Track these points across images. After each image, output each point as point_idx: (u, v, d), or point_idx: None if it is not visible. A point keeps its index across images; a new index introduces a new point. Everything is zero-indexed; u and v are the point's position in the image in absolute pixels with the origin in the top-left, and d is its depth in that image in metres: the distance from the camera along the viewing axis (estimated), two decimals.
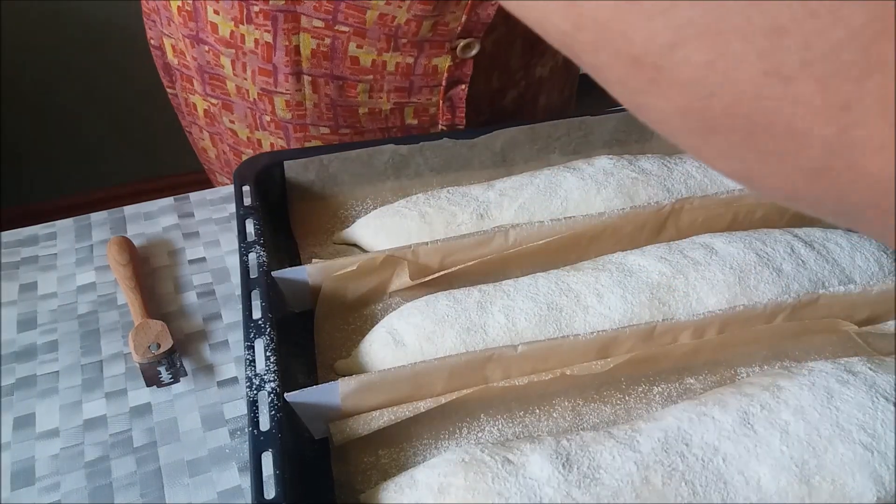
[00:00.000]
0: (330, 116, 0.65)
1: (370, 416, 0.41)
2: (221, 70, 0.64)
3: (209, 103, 0.69)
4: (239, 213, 0.52)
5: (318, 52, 0.60)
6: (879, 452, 0.38)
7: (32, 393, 0.49)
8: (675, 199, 0.54)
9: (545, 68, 0.73)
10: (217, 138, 0.72)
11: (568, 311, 0.47)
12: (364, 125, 0.66)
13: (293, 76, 0.62)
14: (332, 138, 0.66)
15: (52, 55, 1.66)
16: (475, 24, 0.60)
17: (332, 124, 0.65)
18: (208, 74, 0.66)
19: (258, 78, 0.63)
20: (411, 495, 0.37)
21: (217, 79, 0.65)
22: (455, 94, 0.65)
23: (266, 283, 0.46)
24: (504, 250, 0.51)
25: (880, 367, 0.42)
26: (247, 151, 0.70)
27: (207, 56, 0.64)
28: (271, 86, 0.63)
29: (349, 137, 0.67)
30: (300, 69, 0.61)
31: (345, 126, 0.66)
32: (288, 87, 0.62)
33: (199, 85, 0.67)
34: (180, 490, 0.43)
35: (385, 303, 0.51)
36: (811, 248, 0.51)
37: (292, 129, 0.65)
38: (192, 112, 0.72)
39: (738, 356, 0.46)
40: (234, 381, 0.49)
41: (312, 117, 0.64)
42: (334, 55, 0.60)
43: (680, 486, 0.37)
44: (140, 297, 0.54)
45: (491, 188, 0.57)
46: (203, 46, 0.64)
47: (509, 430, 0.43)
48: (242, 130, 0.68)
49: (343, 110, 0.64)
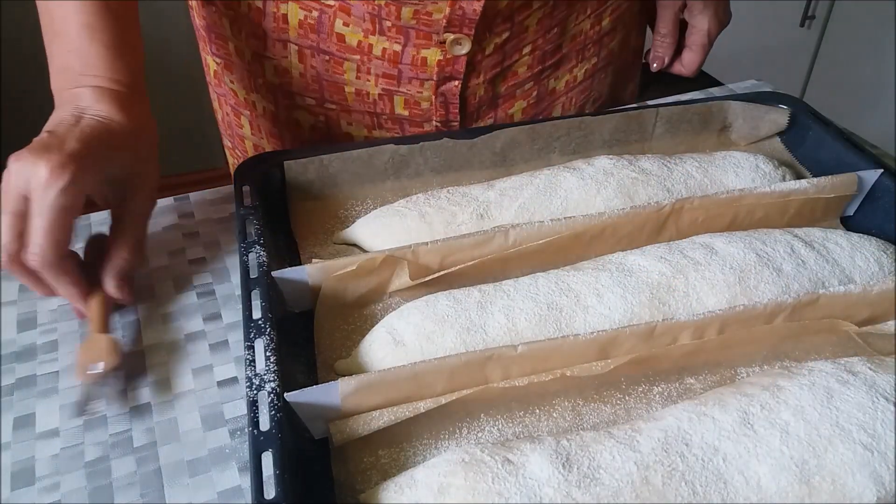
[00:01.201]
0: (315, 89, 0.67)
1: (370, 416, 0.41)
2: (224, 31, 0.68)
3: (216, 63, 0.72)
4: (239, 213, 0.52)
5: (304, 24, 0.62)
6: (879, 452, 0.38)
7: (32, 393, 0.49)
8: (675, 199, 0.54)
9: (559, 81, 0.73)
10: (222, 99, 0.75)
11: (568, 311, 0.47)
12: (351, 105, 0.67)
13: (280, 43, 0.64)
14: (318, 110, 0.68)
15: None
16: (461, 19, 0.61)
17: (318, 97, 0.67)
18: (214, 34, 0.69)
19: (250, 41, 0.66)
20: (411, 495, 0.37)
21: (221, 38, 0.69)
22: (448, 90, 0.66)
23: (266, 283, 0.46)
24: (504, 250, 0.51)
25: (880, 367, 0.42)
26: (244, 113, 0.72)
27: (214, 16, 0.68)
28: (261, 50, 0.66)
29: (335, 113, 0.68)
30: (287, 37, 0.64)
31: (330, 101, 0.67)
32: (275, 54, 0.65)
33: (207, 44, 0.71)
34: (180, 490, 0.43)
35: (385, 303, 0.51)
36: (811, 248, 0.51)
37: (281, 95, 0.68)
38: (208, 73, 0.75)
39: (738, 356, 0.46)
40: (233, 381, 0.49)
41: (299, 86, 0.67)
42: (321, 28, 0.62)
43: (680, 486, 0.37)
44: (99, 305, 0.50)
45: (491, 188, 0.57)
46: (211, 7, 0.67)
47: (509, 430, 0.43)
48: (240, 91, 0.71)
49: (329, 85, 0.66)
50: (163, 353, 0.51)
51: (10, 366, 0.50)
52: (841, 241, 0.52)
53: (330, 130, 0.70)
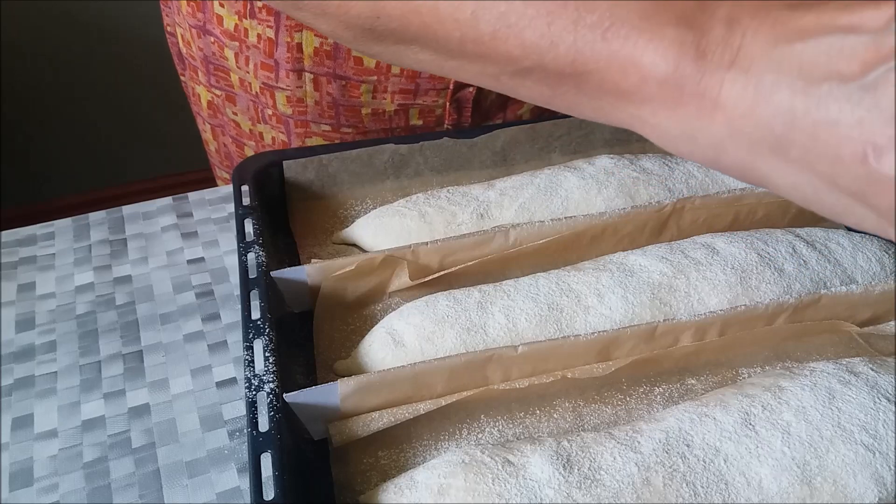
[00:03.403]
0: (331, 115, 0.65)
1: (370, 418, 0.40)
2: (225, 62, 0.65)
3: (213, 94, 0.69)
4: (238, 212, 0.52)
5: (320, 51, 0.60)
6: (881, 453, 0.38)
7: (31, 393, 0.48)
8: (677, 198, 0.54)
9: None
10: (218, 130, 0.72)
11: (568, 311, 0.47)
12: (367, 125, 0.66)
13: (294, 73, 0.62)
14: (333, 136, 0.66)
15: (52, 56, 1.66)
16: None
17: (334, 122, 0.65)
18: (213, 65, 0.66)
19: (260, 72, 0.63)
20: (411, 496, 0.37)
21: (222, 70, 0.66)
22: (463, 95, 0.65)
23: (265, 284, 0.46)
24: (504, 250, 0.51)
25: (882, 367, 0.42)
26: (249, 143, 0.70)
27: (213, 47, 0.65)
28: (273, 81, 0.63)
29: (351, 136, 0.67)
30: (302, 66, 0.61)
31: (346, 125, 0.66)
32: (289, 84, 0.63)
33: (204, 76, 0.68)
34: (179, 491, 0.43)
35: (385, 303, 0.51)
36: (813, 248, 0.51)
37: (293, 124, 0.66)
38: (197, 102, 0.73)
39: (739, 356, 0.46)
40: (232, 381, 0.49)
41: (313, 114, 0.65)
42: (337, 55, 0.61)
43: (681, 488, 0.37)
44: None
45: (491, 188, 0.56)
46: (209, 38, 0.64)
47: (509, 430, 0.43)
48: (245, 122, 0.69)
49: (345, 109, 0.64)
50: (161, 353, 0.51)
51: (8, 366, 0.50)
52: (843, 241, 0.52)
53: None
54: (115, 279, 0.57)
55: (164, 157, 1.91)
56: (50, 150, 1.77)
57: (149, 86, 1.77)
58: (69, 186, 1.83)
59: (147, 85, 1.77)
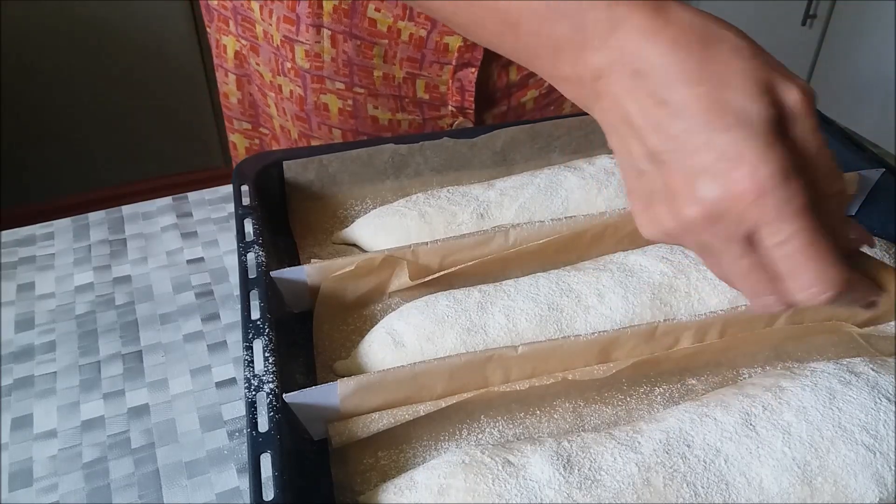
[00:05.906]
0: (346, 73, 0.68)
1: (369, 418, 0.40)
2: (251, 13, 0.69)
3: (241, 44, 0.73)
4: (238, 212, 0.52)
5: (339, 8, 0.64)
6: (882, 453, 0.38)
7: (30, 393, 0.48)
8: None
9: None
10: (244, 80, 0.76)
11: (569, 311, 0.46)
12: (378, 88, 0.69)
13: (314, 28, 0.65)
14: (346, 94, 0.69)
15: (51, 56, 1.66)
16: None
17: (348, 81, 0.68)
18: (241, 16, 0.70)
19: (282, 25, 0.66)
20: (411, 497, 0.37)
21: (248, 21, 0.70)
22: (464, 76, 0.67)
23: (265, 284, 0.46)
24: (504, 250, 0.51)
25: (882, 367, 0.42)
26: (269, 94, 0.73)
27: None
28: (293, 34, 0.66)
29: (363, 97, 0.69)
30: (321, 22, 0.65)
31: (359, 85, 0.68)
32: (308, 38, 0.66)
33: (234, 26, 0.72)
34: (178, 491, 0.43)
35: (384, 303, 0.51)
36: None
37: (310, 79, 0.68)
38: (221, 54, 0.76)
39: (740, 357, 0.46)
40: (232, 381, 0.49)
41: (329, 71, 0.68)
42: (354, 13, 0.64)
43: (682, 488, 0.37)
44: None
45: (491, 188, 0.56)
46: None
47: (510, 431, 0.43)
48: (266, 74, 0.72)
49: (359, 69, 0.67)
50: (161, 353, 0.51)
51: (7, 366, 0.50)
52: None
53: (357, 113, 0.70)
54: (115, 279, 0.57)
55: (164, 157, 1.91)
56: (50, 150, 1.77)
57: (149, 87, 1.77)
58: (69, 186, 1.83)
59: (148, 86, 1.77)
